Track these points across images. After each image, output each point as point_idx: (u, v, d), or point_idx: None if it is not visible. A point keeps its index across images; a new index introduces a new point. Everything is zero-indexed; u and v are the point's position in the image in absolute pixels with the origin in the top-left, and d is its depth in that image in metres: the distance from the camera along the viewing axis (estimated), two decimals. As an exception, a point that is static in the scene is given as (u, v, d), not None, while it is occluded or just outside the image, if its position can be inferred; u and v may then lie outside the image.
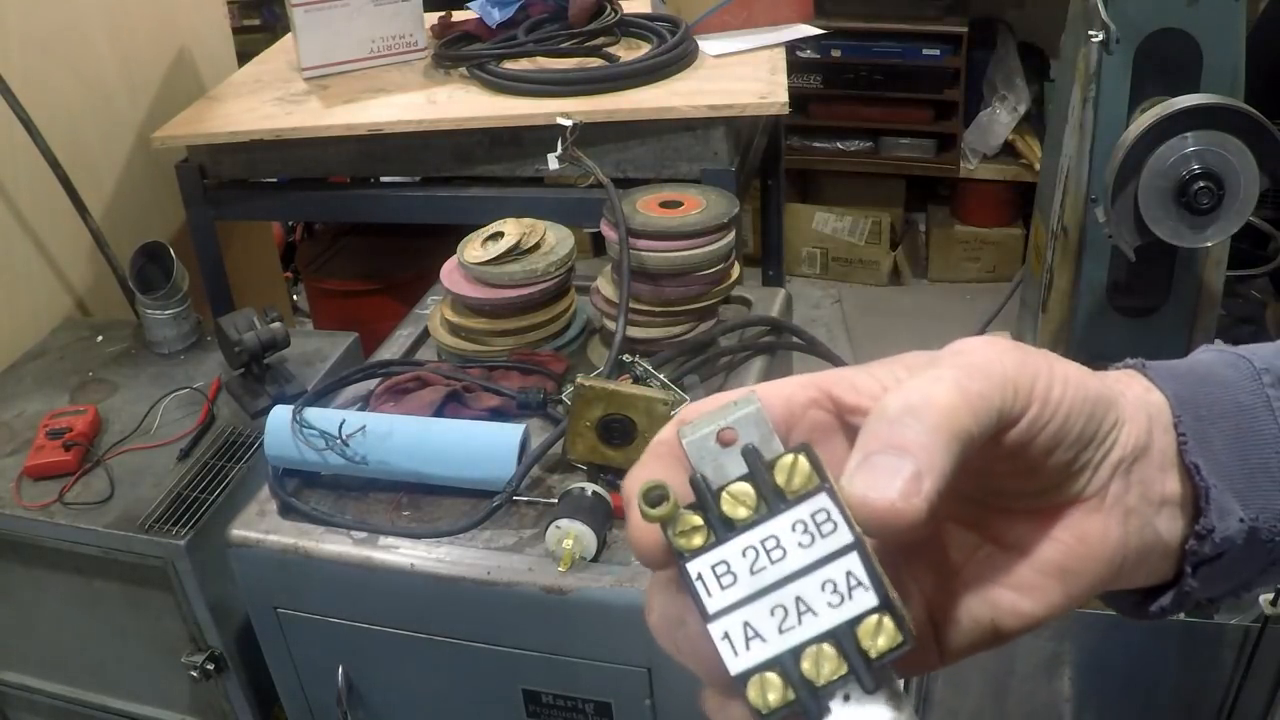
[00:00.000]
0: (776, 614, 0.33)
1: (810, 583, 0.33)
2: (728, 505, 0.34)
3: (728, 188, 1.71)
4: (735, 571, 0.34)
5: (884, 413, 0.35)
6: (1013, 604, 0.39)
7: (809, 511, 0.34)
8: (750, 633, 0.33)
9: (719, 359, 1.50)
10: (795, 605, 0.33)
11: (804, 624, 0.33)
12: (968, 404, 0.35)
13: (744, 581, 0.34)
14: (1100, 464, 0.39)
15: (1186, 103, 1.36)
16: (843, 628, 0.33)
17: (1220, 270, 1.58)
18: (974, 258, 3.65)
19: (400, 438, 1.30)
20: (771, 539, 0.34)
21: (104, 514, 1.47)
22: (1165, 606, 0.44)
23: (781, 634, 0.33)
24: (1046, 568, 0.39)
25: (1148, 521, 0.41)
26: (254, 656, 1.44)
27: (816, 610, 0.33)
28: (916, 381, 0.35)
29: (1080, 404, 0.38)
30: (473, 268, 1.47)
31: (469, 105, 1.97)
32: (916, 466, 0.33)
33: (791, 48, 2.19)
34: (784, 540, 0.34)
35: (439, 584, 1.21)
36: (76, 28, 2.03)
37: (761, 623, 0.33)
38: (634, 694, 1.22)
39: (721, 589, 0.34)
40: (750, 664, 0.33)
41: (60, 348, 1.87)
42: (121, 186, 2.15)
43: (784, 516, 0.34)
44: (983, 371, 0.36)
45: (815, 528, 0.33)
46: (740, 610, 0.34)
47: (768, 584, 0.34)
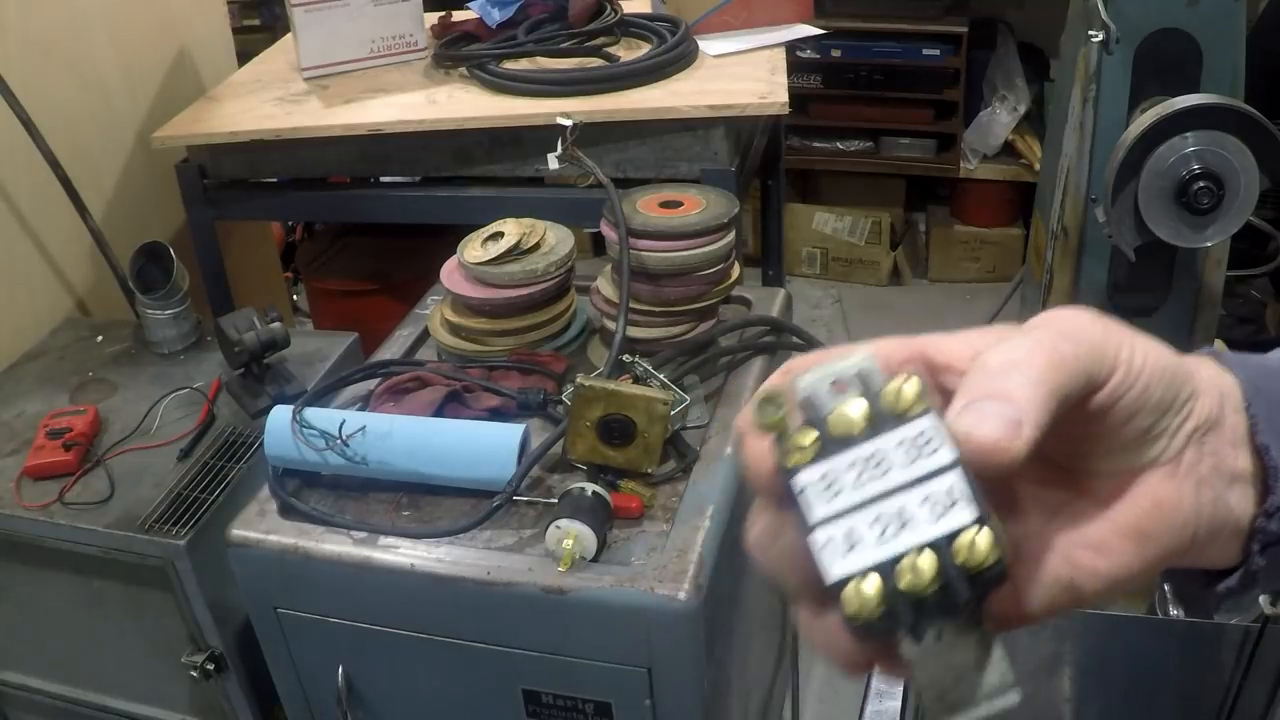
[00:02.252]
0: (877, 525, 0.35)
1: (912, 497, 0.35)
2: (837, 422, 0.36)
3: (728, 188, 1.71)
4: (840, 484, 0.35)
5: (986, 366, 0.38)
6: (1091, 564, 0.40)
7: (915, 431, 0.35)
8: (850, 542, 0.35)
9: (719, 359, 1.50)
10: (896, 517, 0.34)
11: (903, 535, 0.34)
12: (1063, 364, 0.37)
13: (847, 494, 0.35)
14: (1176, 431, 0.41)
15: (1186, 103, 1.36)
16: (941, 540, 0.34)
17: (1220, 270, 1.58)
18: (974, 258, 3.65)
19: (400, 438, 1.30)
20: (877, 455, 0.35)
21: (104, 514, 1.47)
22: (1232, 587, 0.45)
23: (881, 543, 0.34)
24: (1124, 530, 0.41)
25: (1220, 495, 0.42)
26: (254, 656, 1.44)
27: (917, 523, 0.34)
28: (1016, 340, 0.38)
29: (1159, 373, 0.40)
30: (473, 268, 1.47)
31: (469, 105, 1.97)
32: (1018, 413, 0.36)
33: (791, 48, 2.19)
34: (889, 457, 0.35)
35: (439, 584, 1.21)
36: (76, 28, 2.03)
37: (862, 532, 0.35)
38: (634, 694, 1.22)
39: (825, 500, 0.35)
40: (848, 570, 0.34)
41: (60, 348, 1.87)
42: (121, 186, 2.15)
43: (890, 435, 0.35)
44: (1074, 337, 0.38)
45: (919, 447, 0.35)
46: (842, 520, 0.35)
47: (870, 496, 0.35)
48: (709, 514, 1.24)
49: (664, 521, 1.24)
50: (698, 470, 1.31)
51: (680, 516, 1.24)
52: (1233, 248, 1.56)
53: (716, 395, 1.46)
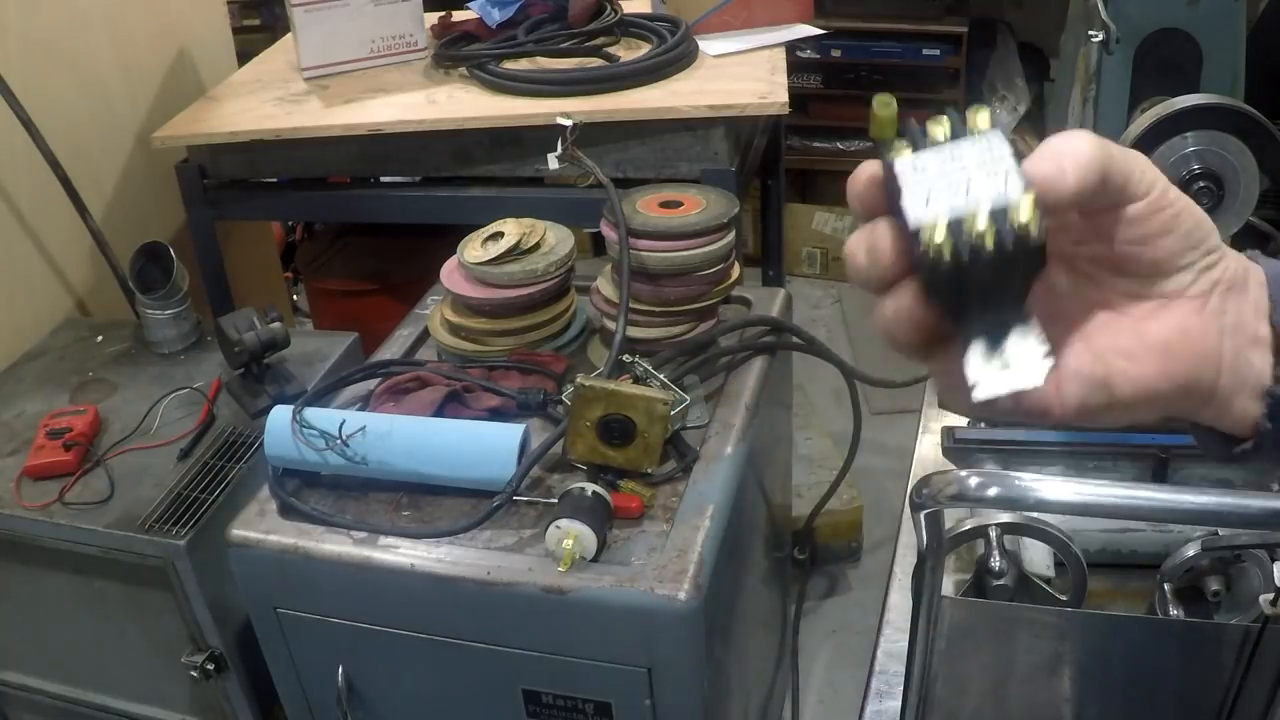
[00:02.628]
0: (951, 192, 0.44)
1: (979, 175, 0.44)
2: (929, 129, 0.46)
3: (728, 188, 1.71)
4: (927, 169, 0.45)
5: (1050, 141, 0.45)
6: (1123, 367, 0.47)
7: (986, 141, 0.45)
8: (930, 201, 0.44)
9: (719, 359, 1.50)
10: (965, 188, 0.44)
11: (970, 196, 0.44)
12: (1108, 155, 0.45)
13: (933, 172, 0.45)
14: (1201, 272, 0.48)
15: (1186, 103, 1.36)
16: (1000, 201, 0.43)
17: (1220, 270, 1.58)
18: (974, 258, 3.65)
19: (400, 438, 1.30)
20: (956, 152, 0.45)
21: (104, 514, 1.47)
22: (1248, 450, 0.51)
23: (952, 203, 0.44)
24: (1152, 342, 0.47)
25: (1241, 349, 0.49)
26: (254, 656, 1.44)
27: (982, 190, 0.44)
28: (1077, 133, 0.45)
29: (1192, 214, 0.48)
30: (473, 268, 1.47)
31: (469, 105, 1.97)
32: (1072, 162, 0.44)
33: (791, 48, 2.19)
34: (966, 156, 0.45)
35: (439, 584, 1.21)
36: (76, 28, 2.03)
37: (940, 196, 0.44)
38: (634, 694, 1.22)
39: (915, 179, 0.45)
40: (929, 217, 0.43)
41: (60, 348, 1.87)
42: (121, 186, 2.15)
43: (968, 141, 0.46)
44: (1123, 150, 0.46)
45: (989, 151, 0.45)
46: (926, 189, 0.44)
47: (949, 175, 0.45)
48: (709, 514, 1.24)
49: (664, 521, 1.24)
50: (698, 470, 1.31)
51: (680, 516, 1.24)
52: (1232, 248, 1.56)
53: (716, 395, 1.46)
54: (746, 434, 1.38)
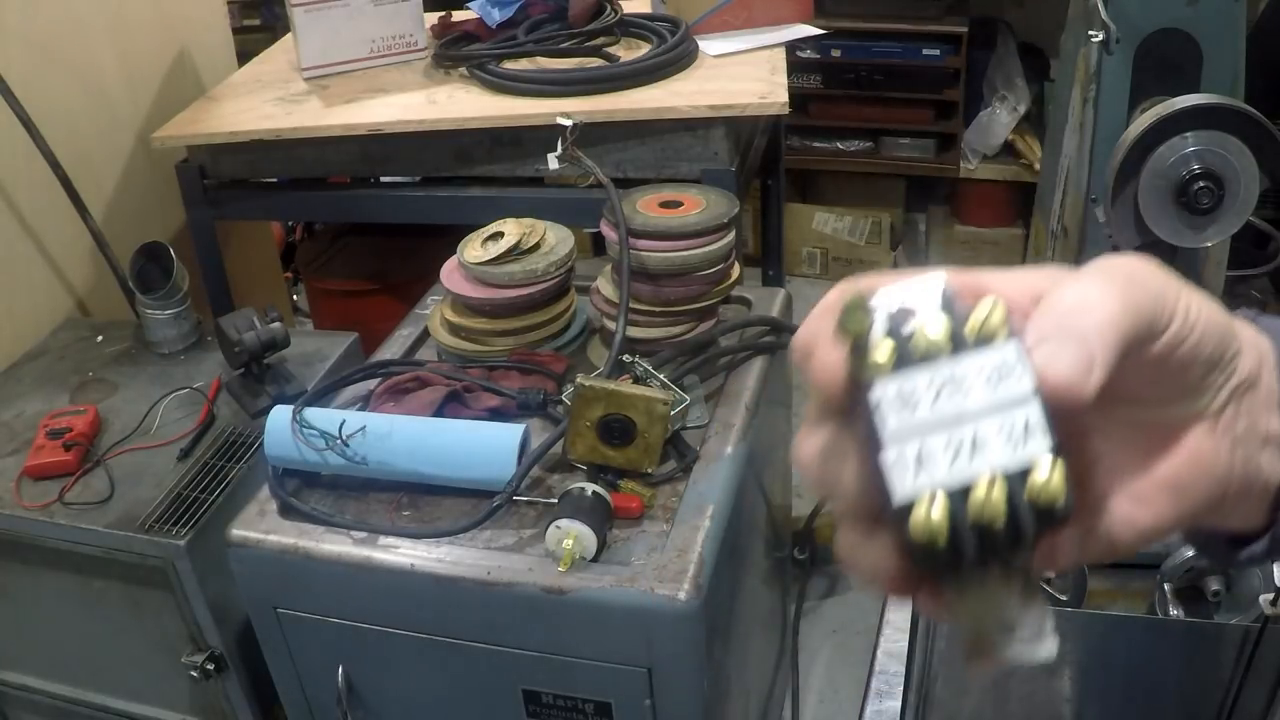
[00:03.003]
0: (950, 448, 0.34)
1: (989, 423, 0.34)
2: (920, 338, 0.35)
3: (728, 188, 1.71)
4: (916, 402, 0.34)
5: (1060, 302, 0.37)
6: (1128, 514, 0.40)
7: (998, 358, 0.35)
8: (921, 462, 0.34)
9: (719, 359, 1.50)
10: (971, 442, 0.34)
11: (976, 461, 0.34)
12: (1134, 307, 0.37)
13: (923, 412, 0.34)
14: (1221, 387, 0.41)
15: (1186, 103, 1.36)
16: (1015, 470, 0.33)
17: (1220, 270, 1.58)
18: (974, 258, 3.65)
19: (400, 438, 1.30)
20: (957, 376, 0.35)
21: (104, 514, 1.47)
22: (1255, 554, 0.46)
23: (953, 467, 0.34)
24: (1162, 481, 0.41)
25: (1252, 455, 0.43)
26: (254, 656, 1.44)
27: (991, 449, 0.34)
28: (1089, 280, 0.38)
29: (1212, 326, 0.40)
30: (473, 268, 1.47)
31: (469, 105, 1.97)
32: (1090, 352, 0.36)
33: (791, 48, 2.19)
34: (969, 380, 0.34)
35: (439, 584, 1.21)
36: (76, 28, 2.03)
37: (934, 453, 0.34)
38: (634, 694, 1.22)
39: (900, 417, 0.34)
40: (917, 490, 0.34)
41: (60, 348, 1.87)
42: (121, 186, 2.15)
43: (972, 358, 0.35)
44: (1139, 283, 0.38)
45: (1001, 373, 0.34)
46: (915, 439, 0.34)
47: (946, 418, 0.34)
48: (709, 514, 1.24)
49: (664, 521, 1.24)
50: (698, 470, 1.31)
51: (680, 516, 1.24)
52: (1233, 248, 1.56)
53: (716, 395, 1.46)
54: (746, 434, 1.38)
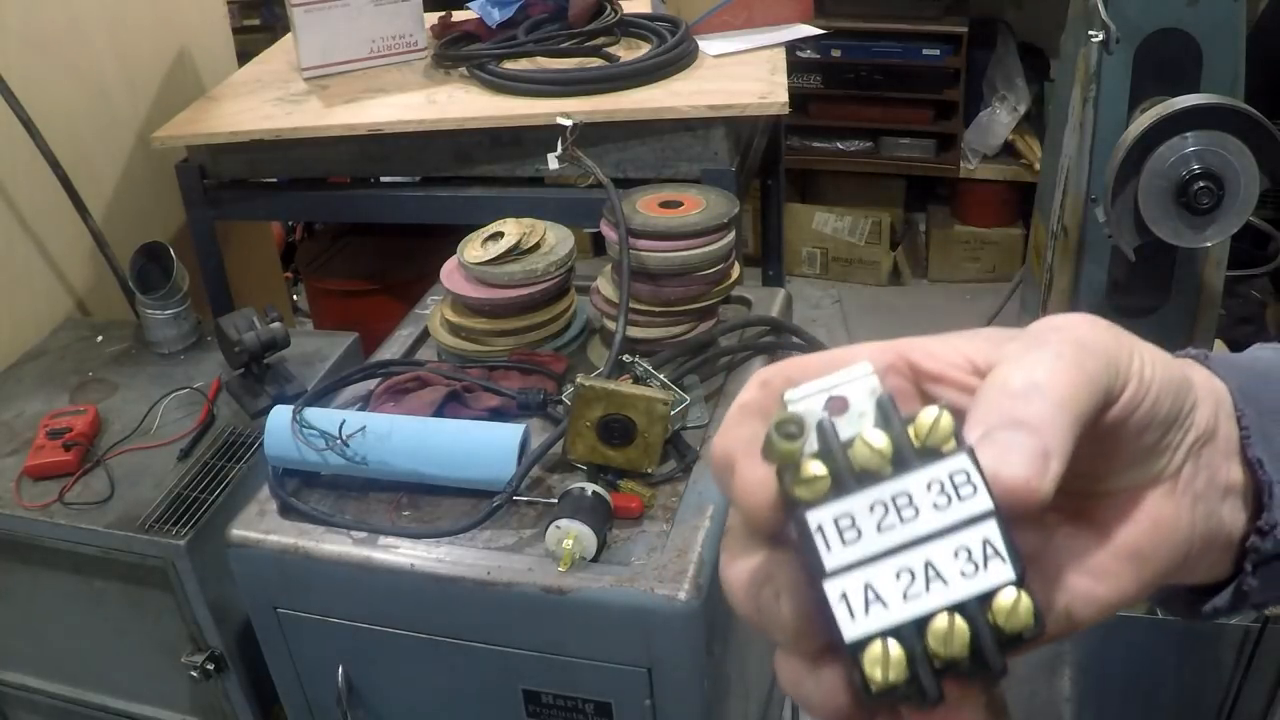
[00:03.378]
0: (902, 578, 0.30)
1: (943, 548, 0.31)
2: (859, 454, 0.31)
3: (728, 188, 1.71)
4: (860, 527, 0.31)
5: (1006, 385, 0.33)
6: (1088, 589, 0.37)
7: (947, 471, 0.31)
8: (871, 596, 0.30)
9: (719, 359, 1.50)
10: (924, 571, 0.30)
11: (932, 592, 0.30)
12: (1087, 380, 0.34)
13: (869, 539, 0.31)
14: (1179, 446, 0.38)
15: (1186, 103, 1.36)
16: (974, 601, 0.30)
17: (1220, 270, 1.58)
18: (974, 258, 3.65)
19: (400, 438, 1.30)
20: (903, 496, 0.31)
21: (104, 514, 1.47)
22: (1219, 607, 0.43)
23: (906, 601, 0.30)
24: (1121, 551, 0.38)
25: (1213, 509, 0.40)
26: (254, 656, 1.44)
27: (947, 578, 0.30)
28: (1036, 355, 0.34)
29: (1167, 383, 0.37)
30: (473, 268, 1.47)
31: (469, 105, 1.97)
32: (1045, 445, 0.32)
33: (791, 48, 2.19)
34: (917, 499, 0.31)
35: (439, 584, 1.21)
36: (76, 28, 2.03)
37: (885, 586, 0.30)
38: (634, 694, 1.22)
39: (843, 544, 0.31)
40: (868, 630, 0.30)
41: (60, 348, 1.87)
42: (121, 186, 2.15)
43: (919, 473, 0.31)
44: (1090, 349, 0.35)
45: (953, 489, 0.31)
46: (861, 570, 0.31)
47: (895, 544, 0.31)
48: (709, 514, 1.24)
49: (664, 521, 1.24)
50: (698, 470, 1.31)
51: (680, 516, 1.24)
52: (1233, 248, 1.56)
53: (716, 395, 1.46)
54: (746, 434, 1.38)
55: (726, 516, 0.37)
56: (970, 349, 0.36)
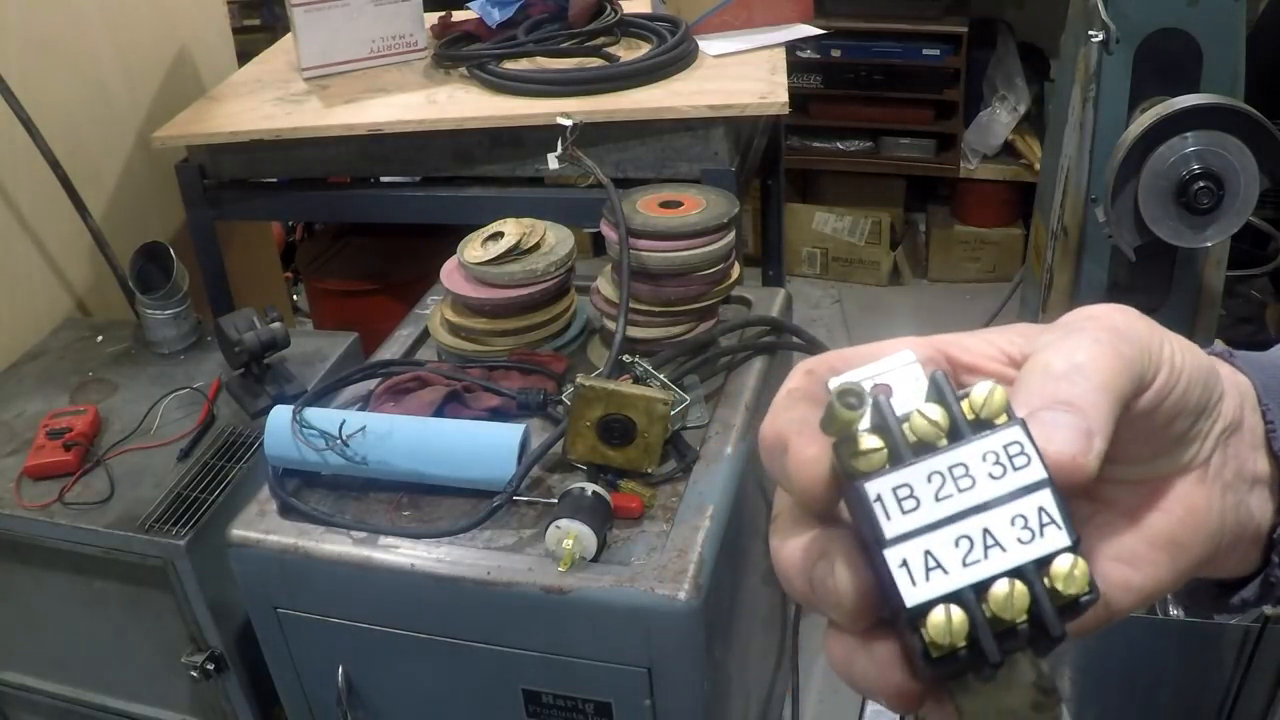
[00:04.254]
0: (961, 545, 0.31)
1: (1000, 516, 0.31)
2: (917, 426, 0.32)
3: (728, 188, 1.71)
4: (918, 496, 0.31)
5: (1048, 369, 0.34)
6: (1123, 577, 0.38)
7: (1002, 443, 0.32)
8: (931, 563, 0.31)
9: (719, 359, 1.50)
10: (982, 538, 0.31)
11: (990, 558, 0.31)
12: (1125, 365, 0.35)
13: (927, 507, 0.31)
14: (1208, 434, 0.39)
15: (1186, 103, 1.36)
16: (1030, 566, 0.31)
17: (1220, 270, 1.58)
18: (974, 258, 3.65)
19: (400, 438, 1.30)
20: (960, 466, 0.31)
21: (104, 514, 1.47)
22: (1248, 599, 0.43)
23: (965, 567, 0.31)
24: (1157, 539, 0.38)
25: (1242, 499, 0.41)
26: (254, 656, 1.44)
27: (1005, 545, 0.31)
28: (1075, 341, 0.35)
29: (1196, 371, 0.38)
30: (473, 268, 1.47)
31: (469, 105, 1.97)
32: (1088, 423, 0.33)
33: (791, 48, 2.19)
34: (973, 469, 0.31)
35: (439, 584, 1.21)
36: (76, 28, 2.03)
37: (944, 553, 0.31)
38: (634, 694, 1.22)
39: (902, 513, 0.31)
40: (930, 595, 0.31)
41: (60, 348, 1.87)
42: (121, 186, 2.15)
43: (974, 444, 0.32)
44: (1125, 336, 0.36)
45: (1008, 460, 0.31)
46: (921, 538, 0.31)
47: (954, 512, 0.31)
48: (709, 514, 1.24)
49: (664, 521, 1.24)
50: (698, 470, 1.31)
51: (680, 516, 1.24)
52: (1233, 248, 1.56)
53: (716, 395, 1.46)
54: (746, 434, 1.38)
55: (774, 500, 0.38)
56: (1003, 341, 0.38)
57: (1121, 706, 1.45)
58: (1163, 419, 0.37)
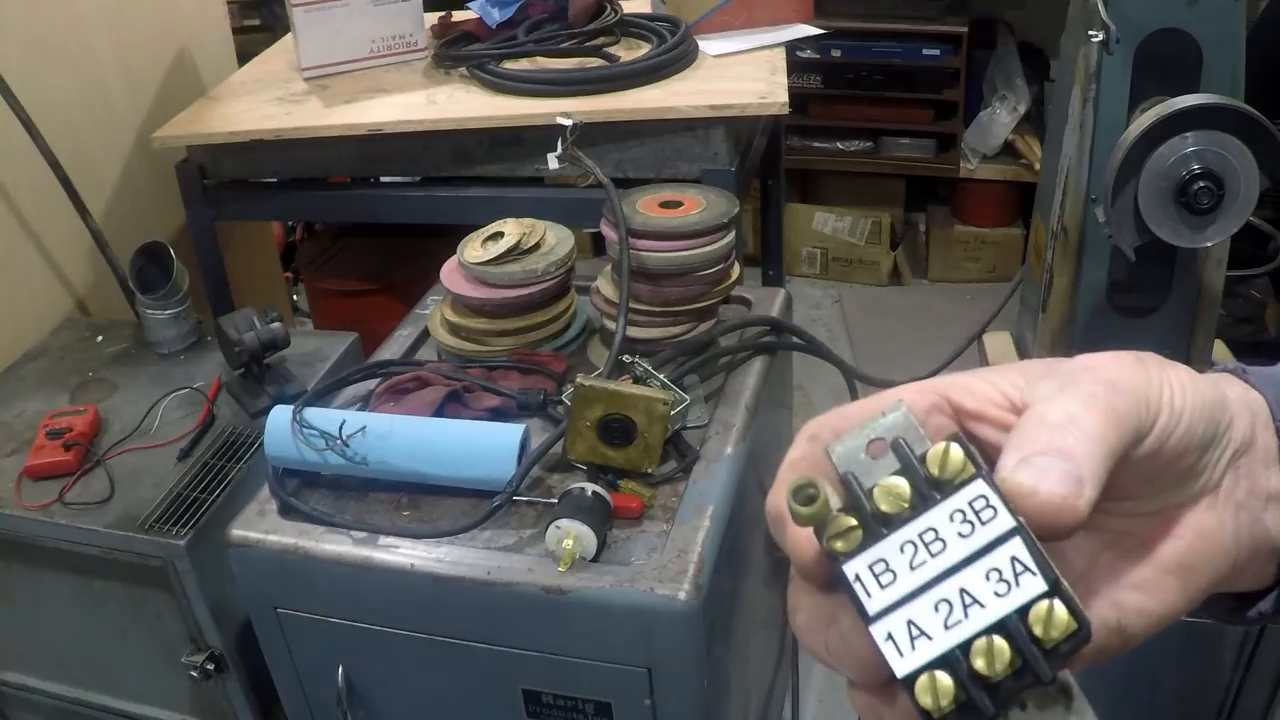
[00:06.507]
0: (941, 609, 0.32)
1: (974, 573, 0.32)
2: (881, 501, 0.33)
3: (728, 188, 1.71)
4: (894, 569, 0.33)
5: (1043, 418, 0.36)
6: (1138, 604, 0.39)
7: (966, 500, 0.33)
8: (914, 631, 0.32)
9: (719, 359, 1.50)
10: (960, 598, 0.32)
11: (971, 617, 0.32)
12: (1119, 419, 0.36)
13: (904, 578, 0.33)
14: (1217, 463, 0.40)
15: (1186, 103, 1.36)
16: (1012, 617, 0.32)
17: (1220, 270, 1.57)
18: (974, 258, 3.65)
19: (400, 438, 1.30)
20: (929, 531, 0.33)
21: (104, 514, 1.47)
22: (1264, 612, 0.44)
23: (948, 630, 0.32)
24: (1168, 565, 0.39)
25: (1256, 516, 0.41)
26: (254, 656, 1.44)
27: (983, 601, 0.32)
28: (1071, 394, 0.36)
29: (1199, 409, 0.39)
30: (473, 268, 1.47)
31: (469, 105, 1.97)
32: (1080, 471, 0.34)
33: (791, 48, 2.19)
34: (942, 531, 0.33)
35: (439, 584, 1.21)
36: (76, 28, 2.03)
37: (926, 619, 0.32)
38: (634, 694, 1.22)
39: (881, 588, 0.33)
40: (917, 664, 0.32)
41: (60, 348, 1.87)
42: (121, 186, 2.15)
43: (940, 507, 0.33)
44: (1121, 388, 0.37)
45: (974, 515, 0.33)
46: (902, 608, 0.32)
47: (929, 579, 0.33)
48: (709, 514, 1.24)
49: (664, 521, 1.24)
50: (698, 470, 1.31)
51: (680, 516, 1.24)
52: (1233, 248, 1.56)
53: (716, 395, 1.46)
54: (746, 434, 1.38)
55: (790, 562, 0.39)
56: (1005, 384, 0.39)
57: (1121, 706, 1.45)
58: (1167, 458, 0.38)
